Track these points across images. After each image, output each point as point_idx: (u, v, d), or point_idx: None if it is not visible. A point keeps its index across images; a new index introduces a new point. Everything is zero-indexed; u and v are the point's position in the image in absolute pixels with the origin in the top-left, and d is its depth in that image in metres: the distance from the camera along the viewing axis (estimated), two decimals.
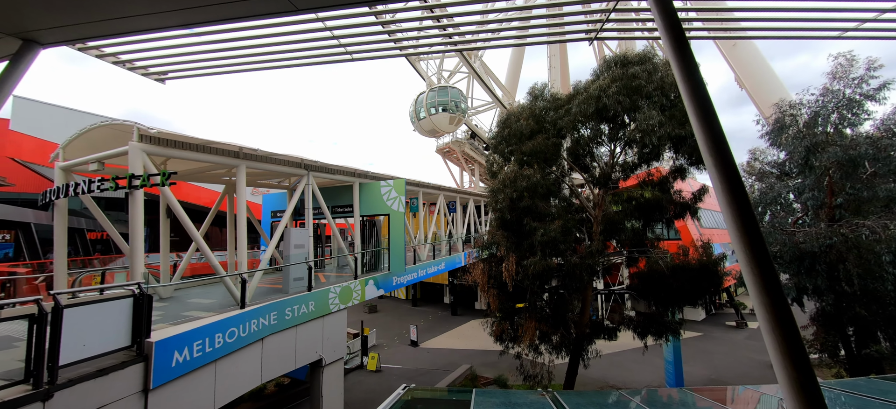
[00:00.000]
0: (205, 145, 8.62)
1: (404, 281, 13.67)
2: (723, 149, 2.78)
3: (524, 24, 5.15)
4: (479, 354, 23.16)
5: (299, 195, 10.95)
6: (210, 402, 6.73)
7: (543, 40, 5.37)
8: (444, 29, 6.04)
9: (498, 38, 6.19)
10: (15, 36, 4.47)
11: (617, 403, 8.21)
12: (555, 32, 5.12)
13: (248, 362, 7.65)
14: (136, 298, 5.63)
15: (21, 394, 4.24)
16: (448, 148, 34.74)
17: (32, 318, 4.46)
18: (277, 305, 8.45)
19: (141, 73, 6.04)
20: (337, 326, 10.37)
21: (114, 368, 5.19)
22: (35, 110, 24.16)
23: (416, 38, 5.96)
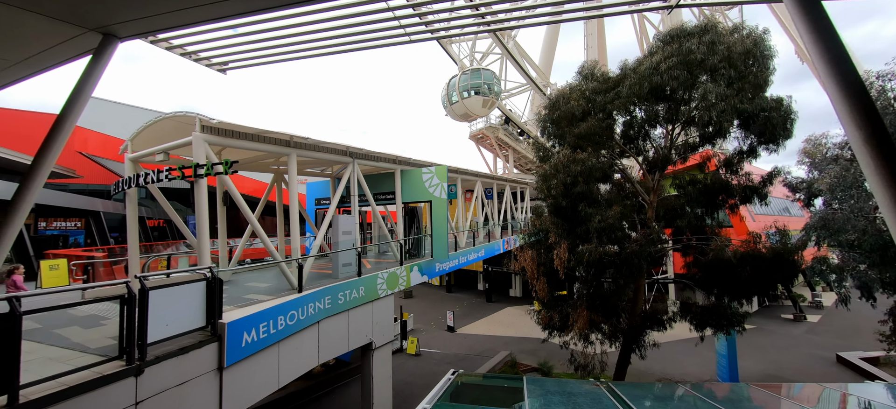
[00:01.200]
0: (258, 135, 8.85)
1: (446, 268, 13.67)
2: (873, 117, 2.38)
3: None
4: (517, 341, 23.04)
5: (345, 183, 11.08)
6: (275, 381, 7.01)
7: (624, 10, 4.98)
8: (476, 9, 5.76)
9: (556, 9, 5.83)
10: (96, 31, 4.65)
11: (682, 397, 7.81)
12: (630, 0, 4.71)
13: (306, 343, 7.89)
14: (209, 281, 5.88)
15: (117, 369, 4.53)
16: (481, 134, 34.24)
17: (123, 299, 4.73)
18: (331, 289, 8.64)
19: (205, 63, 6.20)
20: (385, 310, 10.53)
21: (193, 346, 5.46)
22: (98, 108, 25.94)
23: (448, 19, 5.74)
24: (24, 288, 7.25)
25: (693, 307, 10.93)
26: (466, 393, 8.29)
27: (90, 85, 4.50)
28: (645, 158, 10.81)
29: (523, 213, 27.26)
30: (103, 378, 4.38)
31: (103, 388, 4.38)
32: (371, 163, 12.18)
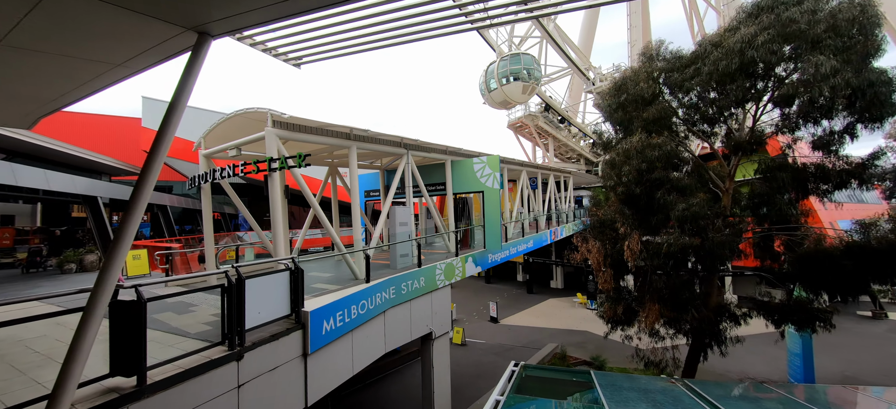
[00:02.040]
0: (321, 128, 9.03)
1: (498, 259, 13.51)
2: None
3: None
4: (562, 333, 22.59)
5: (400, 174, 11.13)
6: (350, 368, 7.20)
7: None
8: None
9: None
10: (193, 29, 4.81)
11: (773, 398, 7.25)
12: None
13: (374, 332, 8.04)
14: (292, 271, 6.07)
15: (222, 354, 4.76)
16: (520, 122, 33.48)
17: (223, 288, 4.96)
18: (395, 280, 8.74)
19: (282, 58, 6.33)
20: (443, 301, 10.55)
21: (282, 334, 5.68)
22: (160, 109, 27.71)
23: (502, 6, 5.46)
24: (120, 277, 7.84)
25: (770, 303, 10.10)
26: (534, 386, 8.14)
27: (191, 82, 4.68)
28: (729, 140, 9.92)
29: (567, 203, 26.50)
30: (211, 362, 4.62)
31: (212, 371, 4.62)
32: (423, 154, 12.17)
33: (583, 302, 27.92)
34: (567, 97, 39.38)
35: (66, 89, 6.02)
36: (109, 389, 3.88)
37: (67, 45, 4.59)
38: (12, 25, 4.14)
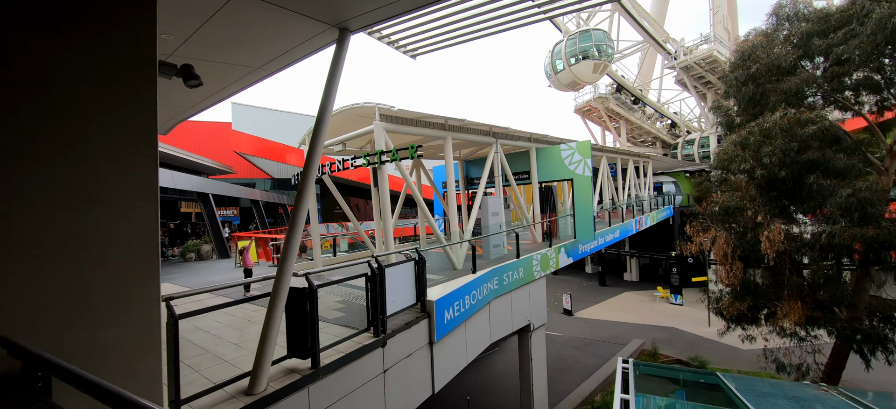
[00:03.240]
0: (419, 119, 9.08)
1: (588, 249, 12.87)
2: None
3: None
4: (646, 329, 21.12)
5: (490, 163, 10.93)
6: (464, 358, 7.20)
7: None
8: None
9: None
10: (336, 26, 4.93)
11: None
12: None
13: (482, 323, 7.97)
14: (416, 262, 6.13)
15: (371, 341, 4.92)
16: (588, 106, 31.70)
17: (367, 277, 5.11)
18: (497, 271, 8.59)
19: (402, 50, 6.39)
20: (539, 292, 10.24)
21: (413, 322, 5.77)
22: (248, 113, 30.33)
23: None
24: (250, 262, 8.56)
25: None
26: (654, 386, 7.57)
27: (337, 77, 4.83)
28: (881, 108, 8.33)
29: (646, 190, 24.62)
30: (364, 348, 4.78)
31: (365, 356, 4.79)
32: (510, 142, 11.84)
33: (664, 296, 25.92)
34: (638, 75, 36.50)
35: (208, 94, 6.57)
36: (289, 369, 4.15)
37: (226, 51, 4.96)
38: (184, 39, 4.53)
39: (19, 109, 2.32)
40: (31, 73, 2.36)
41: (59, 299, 2.38)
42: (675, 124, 33.95)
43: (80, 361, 2.30)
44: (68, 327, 2.41)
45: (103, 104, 2.62)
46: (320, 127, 4.61)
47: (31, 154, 2.35)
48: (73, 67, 2.51)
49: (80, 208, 2.49)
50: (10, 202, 2.25)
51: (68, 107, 2.47)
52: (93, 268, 2.51)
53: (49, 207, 2.38)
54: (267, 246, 12.52)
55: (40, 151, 2.38)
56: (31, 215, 2.32)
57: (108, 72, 2.65)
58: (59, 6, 2.50)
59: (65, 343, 2.41)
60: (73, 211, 2.46)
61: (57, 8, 2.48)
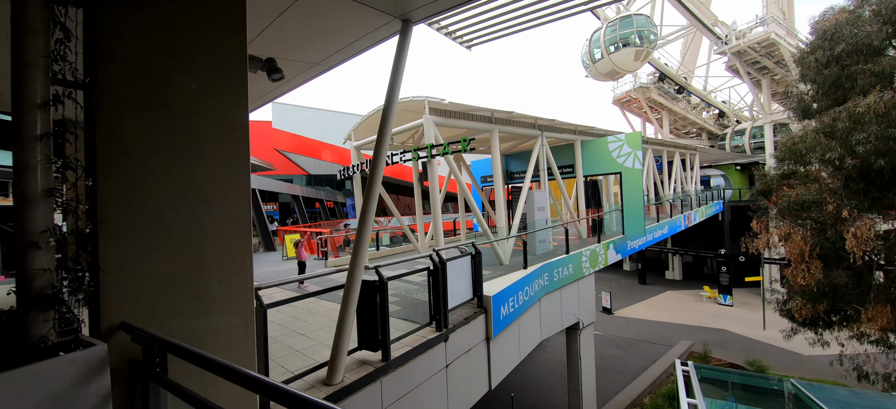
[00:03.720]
0: (466, 113, 8.96)
1: (637, 246, 12.33)
2: None
3: None
4: (694, 330, 20.08)
5: (535, 157, 10.66)
6: (517, 356, 7.07)
7: None
8: None
9: None
10: (399, 17, 4.89)
11: None
12: None
13: (533, 320, 7.80)
14: (473, 256, 6.04)
15: (434, 335, 4.88)
16: (628, 97, 30.37)
17: (429, 271, 5.08)
18: (548, 266, 8.38)
19: (458, 41, 6.30)
20: (588, 290, 9.93)
21: (471, 317, 5.70)
22: (287, 111, 31.38)
23: None
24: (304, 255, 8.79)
25: None
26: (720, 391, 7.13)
27: (401, 68, 4.80)
28: None
29: (693, 183, 23.33)
30: (428, 342, 4.76)
31: (429, 351, 4.77)
32: (554, 134, 11.50)
33: (712, 296, 24.56)
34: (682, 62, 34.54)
35: (267, 90, 6.75)
36: (360, 361, 4.18)
37: (293, 46, 5.04)
38: (256, 35, 4.63)
39: (140, 100, 2.41)
40: (145, 66, 2.45)
41: (175, 289, 2.46)
42: (724, 114, 31.91)
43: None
44: (180, 315, 2.49)
45: (207, 97, 2.69)
46: (387, 120, 4.61)
47: (151, 146, 2.43)
48: (181, 61, 2.58)
49: (190, 199, 2.57)
50: (132, 194, 2.34)
51: (180, 100, 2.55)
52: (202, 259, 2.59)
53: (166, 199, 2.46)
54: (312, 239, 12.89)
55: (161, 143, 2.46)
56: (151, 207, 2.41)
57: (209, 65, 2.71)
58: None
59: (179, 332, 2.50)
60: (187, 203, 2.54)
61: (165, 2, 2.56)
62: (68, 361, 1.80)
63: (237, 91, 2.88)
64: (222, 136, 2.76)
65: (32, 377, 1.69)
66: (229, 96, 2.83)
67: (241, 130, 2.89)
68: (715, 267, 29.43)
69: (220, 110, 2.77)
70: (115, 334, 2.20)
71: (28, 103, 2.05)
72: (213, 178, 2.69)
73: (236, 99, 2.87)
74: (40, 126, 2.08)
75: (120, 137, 2.31)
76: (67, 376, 1.79)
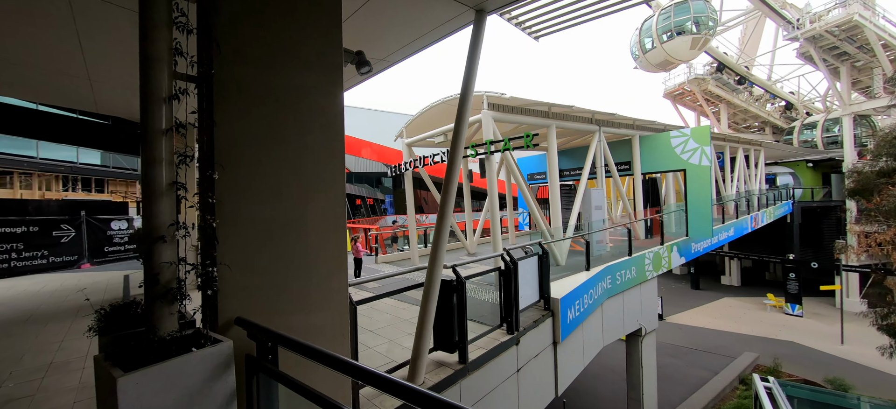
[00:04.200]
0: (523, 107, 8.65)
1: (702, 248, 11.45)
2: None
3: None
4: (758, 341, 18.47)
5: (592, 153, 10.14)
6: (580, 363, 6.72)
7: None
8: None
9: None
10: (473, 7, 4.70)
11: None
12: None
13: (595, 325, 7.40)
14: (540, 256, 5.77)
15: (506, 338, 4.68)
16: (681, 90, 28.49)
17: (500, 271, 4.88)
18: (611, 269, 7.92)
19: (527, 31, 6.04)
20: (651, 294, 9.32)
21: (540, 320, 5.44)
22: None
23: None
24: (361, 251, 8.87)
25: None
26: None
27: (476, 59, 4.62)
28: None
29: (758, 182, 21.48)
30: (501, 345, 4.56)
31: (502, 354, 4.58)
32: (611, 129, 10.89)
33: (777, 305, 22.55)
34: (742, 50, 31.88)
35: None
36: (437, 362, 4.06)
37: (368, 39, 4.97)
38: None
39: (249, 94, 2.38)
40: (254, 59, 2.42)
41: (278, 284, 2.43)
42: (792, 106, 29.11)
43: None
44: (289, 311, 2.46)
45: (310, 90, 2.64)
46: (463, 112, 4.43)
47: (261, 139, 2.41)
48: (286, 55, 2.54)
49: (296, 193, 2.53)
50: (245, 188, 2.32)
51: (285, 93, 2.51)
52: (304, 255, 2.55)
53: (275, 193, 2.43)
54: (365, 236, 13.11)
55: (269, 136, 2.43)
56: (262, 201, 2.38)
57: (310, 58, 2.66)
58: None
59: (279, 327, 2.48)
60: (293, 197, 2.51)
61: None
62: (201, 357, 1.77)
63: (334, 84, 2.82)
64: (322, 129, 2.71)
65: (171, 373, 1.67)
66: (327, 89, 2.77)
67: (337, 123, 2.83)
68: (780, 273, 27.07)
69: (320, 104, 2.71)
70: (230, 329, 2.18)
71: (154, 97, 2.05)
72: (315, 172, 2.64)
73: (334, 92, 2.81)
74: (165, 120, 2.09)
75: (233, 130, 2.29)
76: (201, 372, 1.76)
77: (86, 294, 7.88)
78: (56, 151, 17.17)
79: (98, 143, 8.84)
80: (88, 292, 8.10)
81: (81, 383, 3.83)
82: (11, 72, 5.09)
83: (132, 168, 20.72)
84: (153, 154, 2.04)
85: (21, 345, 4.93)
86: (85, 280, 9.53)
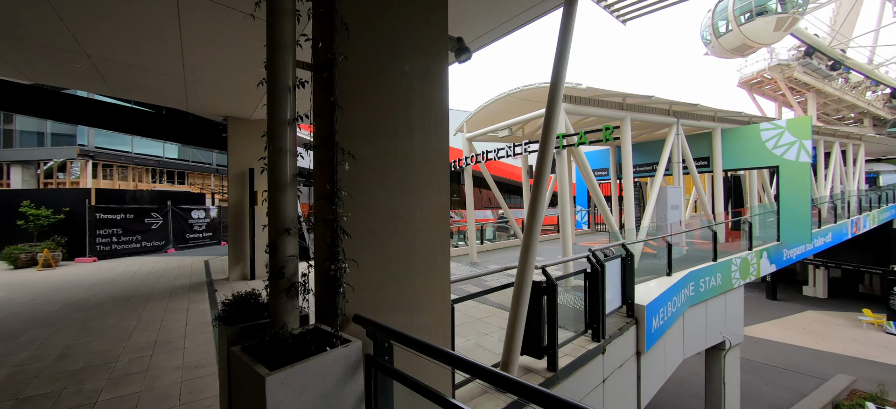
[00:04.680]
0: (595, 98, 8.11)
1: (794, 255, 10.16)
2: None
3: None
4: (852, 363, 16.22)
5: (669, 148, 9.32)
6: (661, 377, 6.18)
7: None
8: None
9: None
10: None
11: None
12: None
13: (676, 336, 6.78)
14: (624, 258, 5.33)
15: (593, 346, 4.35)
16: (760, 77, 25.67)
17: (586, 273, 4.54)
18: (694, 275, 7.22)
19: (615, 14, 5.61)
20: (736, 304, 8.44)
21: (625, 327, 5.02)
22: None
23: None
24: None
25: None
26: None
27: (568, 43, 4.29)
28: None
29: (856, 181, 18.84)
30: (588, 353, 4.24)
31: (589, 362, 4.26)
32: (690, 122, 9.94)
33: (876, 322, 19.74)
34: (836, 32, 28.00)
35: None
36: (524, 368, 3.84)
37: (456, 24, 4.75)
38: None
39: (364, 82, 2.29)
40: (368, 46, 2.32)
41: (387, 281, 2.33)
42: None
43: None
44: (397, 310, 2.36)
45: (419, 79, 2.51)
46: (554, 101, 4.13)
47: (375, 129, 2.31)
48: (396, 41, 2.42)
49: (405, 186, 2.42)
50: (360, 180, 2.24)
51: (396, 82, 2.40)
52: (412, 250, 2.43)
53: (386, 185, 2.33)
54: None
55: (382, 127, 2.33)
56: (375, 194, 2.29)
57: (419, 46, 2.53)
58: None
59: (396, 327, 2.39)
60: (402, 190, 2.40)
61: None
62: (335, 357, 1.68)
63: (441, 73, 2.67)
64: (428, 120, 2.57)
65: (311, 373, 1.59)
66: (435, 78, 2.62)
67: (443, 114, 2.68)
68: (879, 286, 23.75)
69: (427, 93, 2.57)
70: (347, 327, 2.11)
71: (280, 86, 2.01)
72: (422, 164, 2.51)
73: (440, 81, 2.66)
74: (290, 109, 2.04)
75: (350, 120, 2.21)
76: (336, 372, 1.68)
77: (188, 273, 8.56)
78: (146, 146, 19.10)
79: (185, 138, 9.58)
80: (176, 275, 8.82)
81: (184, 362, 4.07)
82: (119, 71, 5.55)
83: (207, 162, 22.55)
84: (279, 144, 1.99)
85: (128, 322, 5.40)
86: (172, 264, 10.43)
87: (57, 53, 4.95)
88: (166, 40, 4.60)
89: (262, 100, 6.93)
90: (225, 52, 4.91)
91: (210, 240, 14.57)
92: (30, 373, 3.78)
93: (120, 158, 18.37)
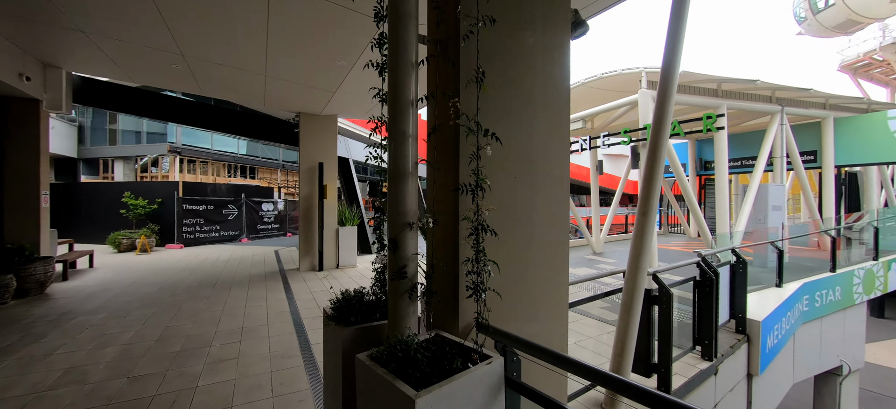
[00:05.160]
0: (688, 84, 7.26)
1: None
2: None
3: None
4: None
5: (771, 140, 8.15)
6: (770, 406, 5.33)
7: None
8: None
9: None
10: None
11: None
12: None
13: (786, 358, 5.85)
14: (733, 265, 4.64)
15: (705, 366, 3.78)
16: (868, 59, 22.15)
17: (696, 281, 3.96)
18: (809, 287, 6.21)
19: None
20: (857, 323, 7.19)
21: (737, 345, 4.36)
22: None
23: None
24: None
25: None
26: None
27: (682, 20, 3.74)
28: None
29: None
30: (701, 374, 3.69)
31: (701, 385, 3.70)
32: (795, 110, 8.63)
33: None
34: None
35: None
36: None
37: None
38: None
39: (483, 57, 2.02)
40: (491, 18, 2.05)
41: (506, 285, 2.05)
42: None
43: None
44: (518, 319, 2.08)
45: (540, 53, 2.20)
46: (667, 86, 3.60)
47: (494, 113, 2.05)
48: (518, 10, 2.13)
49: (526, 179, 2.12)
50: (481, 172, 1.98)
51: (516, 56, 2.10)
52: (531, 250, 2.14)
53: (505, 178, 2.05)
54: None
55: (502, 109, 2.06)
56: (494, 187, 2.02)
57: (542, 13, 2.22)
58: None
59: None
60: (522, 183, 2.11)
61: None
62: (480, 376, 1.43)
63: (562, 46, 2.33)
64: (549, 103, 2.25)
65: (458, 394, 1.34)
66: (556, 54, 2.29)
67: (564, 96, 2.34)
68: None
69: (548, 71, 2.25)
70: (469, 335, 1.86)
71: (403, 61, 1.78)
72: (542, 154, 2.19)
73: (562, 57, 2.33)
74: (413, 88, 1.82)
75: (471, 102, 1.94)
76: (481, 393, 1.42)
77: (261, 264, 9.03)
78: (223, 144, 20.76)
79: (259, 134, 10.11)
80: (251, 263, 9.32)
81: (270, 352, 4.12)
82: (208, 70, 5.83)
83: (274, 158, 24.06)
84: (402, 128, 1.78)
85: (216, 307, 5.67)
86: (247, 252, 11.10)
87: (157, 55, 5.28)
88: (253, 35, 4.70)
89: (332, 95, 7.01)
90: (306, 46, 4.94)
91: (277, 231, 15.42)
92: (137, 353, 4.02)
93: (202, 155, 20.12)
